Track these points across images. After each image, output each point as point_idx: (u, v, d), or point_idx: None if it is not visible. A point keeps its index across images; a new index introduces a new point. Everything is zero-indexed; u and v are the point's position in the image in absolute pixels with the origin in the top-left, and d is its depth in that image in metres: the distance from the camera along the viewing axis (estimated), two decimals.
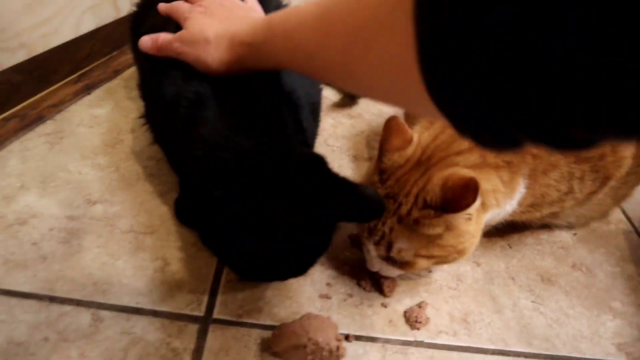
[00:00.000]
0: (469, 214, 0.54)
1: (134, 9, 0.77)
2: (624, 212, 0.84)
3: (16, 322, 0.52)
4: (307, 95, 0.63)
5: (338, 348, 0.52)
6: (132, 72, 0.94)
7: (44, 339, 0.51)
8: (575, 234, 0.77)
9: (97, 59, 0.94)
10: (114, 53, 0.98)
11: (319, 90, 0.74)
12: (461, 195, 0.51)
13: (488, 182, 0.56)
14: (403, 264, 0.56)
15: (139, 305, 0.55)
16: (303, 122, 0.59)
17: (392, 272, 0.59)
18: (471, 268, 0.68)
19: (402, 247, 0.54)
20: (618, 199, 0.74)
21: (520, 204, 0.61)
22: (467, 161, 0.56)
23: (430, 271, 0.66)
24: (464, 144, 0.57)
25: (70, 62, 0.88)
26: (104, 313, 0.54)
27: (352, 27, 0.35)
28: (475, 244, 0.57)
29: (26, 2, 0.72)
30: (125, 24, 0.80)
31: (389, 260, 0.56)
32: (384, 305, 0.60)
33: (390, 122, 0.58)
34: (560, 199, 0.64)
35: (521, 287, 0.66)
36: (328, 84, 0.91)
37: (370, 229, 0.56)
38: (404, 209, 0.54)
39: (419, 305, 0.60)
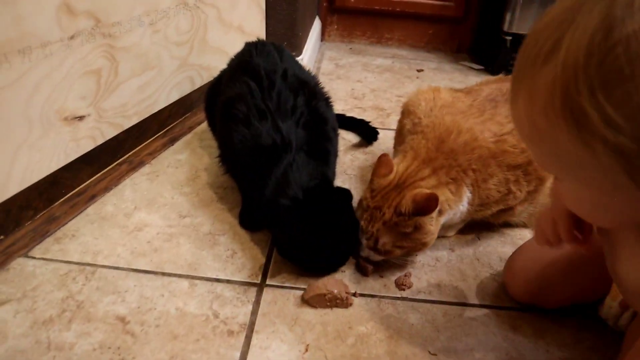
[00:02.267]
0: (432, 217, 0.82)
1: (212, 80, 1.11)
2: None
3: (143, 286, 0.83)
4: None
5: (347, 298, 0.80)
6: (202, 127, 1.28)
7: (161, 295, 0.81)
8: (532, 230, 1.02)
9: (176, 119, 1.30)
10: (187, 114, 1.33)
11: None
12: (426, 205, 0.79)
13: (442, 195, 0.83)
14: (385, 252, 0.83)
15: (218, 277, 0.85)
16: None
17: (376, 257, 0.86)
18: (447, 253, 0.94)
19: (385, 241, 0.82)
20: None
21: (471, 205, 0.88)
22: (427, 184, 0.84)
23: (416, 255, 0.93)
24: (426, 172, 0.85)
25: (158, 123, 1.23)
26: (196, 281, 0.84)
27: None
28: (434, 239, 0.84)
29: (139, 84, 1.07)
30: (197, 93, 1.14)
31: (375, 250, 0.84)
32: (380, 276, 0.88)
33: (381, 158, 0.87)
34: (503, 198, 0.90)
35: (483, 264, 0.92)
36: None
37: (364, 230, 0.84)
38: (386, 216, 0.82)
39: (405, 275, 0.87)
